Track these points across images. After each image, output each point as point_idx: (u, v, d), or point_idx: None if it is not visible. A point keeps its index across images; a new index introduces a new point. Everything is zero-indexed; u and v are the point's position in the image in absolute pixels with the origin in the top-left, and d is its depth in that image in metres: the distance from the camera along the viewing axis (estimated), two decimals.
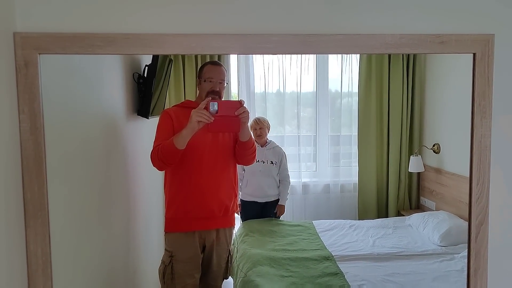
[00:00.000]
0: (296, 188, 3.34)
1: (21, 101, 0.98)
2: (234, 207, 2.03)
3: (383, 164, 3.06)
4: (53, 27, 1.00)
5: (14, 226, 0.98)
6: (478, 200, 1.10)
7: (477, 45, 1.08)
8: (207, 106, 1.60)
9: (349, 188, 3.24)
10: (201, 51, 1.05)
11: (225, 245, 2.03)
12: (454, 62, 2.05)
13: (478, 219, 1.10)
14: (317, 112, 3.30)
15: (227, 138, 1.94)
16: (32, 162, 0.99)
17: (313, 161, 3.42)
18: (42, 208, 1.01)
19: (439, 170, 2.37)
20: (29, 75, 0.97)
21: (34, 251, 1.01)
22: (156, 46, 1.02)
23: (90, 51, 0.99)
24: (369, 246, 2.51)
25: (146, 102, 2.04)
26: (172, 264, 1.91)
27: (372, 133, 3.06)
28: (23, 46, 0.97)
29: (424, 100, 2.60)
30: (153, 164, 1.80)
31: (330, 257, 2.34)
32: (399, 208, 3.00)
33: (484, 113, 1.09)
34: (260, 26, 1.07)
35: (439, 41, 1.07)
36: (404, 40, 1.07)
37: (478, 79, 1.09)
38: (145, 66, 2.10)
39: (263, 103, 3.35)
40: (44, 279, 1.02)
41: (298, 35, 1.06)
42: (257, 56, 3.29)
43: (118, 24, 1.03)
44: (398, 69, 2.88)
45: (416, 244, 2.46)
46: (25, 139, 0.99)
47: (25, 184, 1.00)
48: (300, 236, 2.70)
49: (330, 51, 1.09)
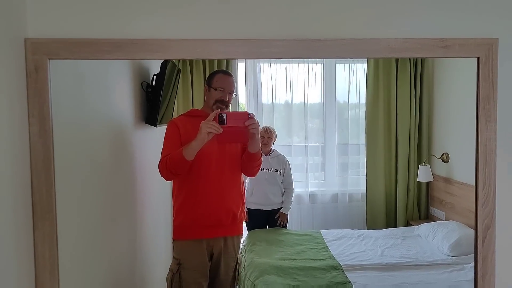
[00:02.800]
0: (304, 197, 3.33)
1: (31, 105, 1.00)
2: (242, 215, 2.03)
3: (392, 173, 3.04)
4: (62, 33, 1.02)
5: (22, 227, 0.99)
6: (484, 204, 1.09)
7: (481, 49, 1.08)
8: (216, 118, 1.62)
9: (357, 197, 3.22)
10: (206, 55, 1.07)
11: (233, 253, 2.03)
12: (462, 70, 2.05)
13: (485, 223, 1.09)
14: (324, 123, 3.31)
15: (234, 147, 1.95)
16: (41, 164, 1.01)
17: (320, 171, 3.41)
18: (50, 210, 1.02)
19: (448, 180, 2.35)
20: (39, 80, 1.00)
21: (42, 253, 1.03)
22: (162, 51, 1.04)
23: (99, 56, 1.02)
24: (378, 256, 2.48)
25: (154, 111, 2.06)
26: (179, 272, 1.90)
27: (380, 142, 3.05)
28: (33, 52, 0.99)
29: (433, 109, 2.60)
30: (161, 174, 1.82)
31: (338, 266, 2.32)
32: (408, 218, 2.97)
33: (489, 117, 1.09)
34: (265, 31, 1.09)
35: (443, 45, 1.08)
36: (408, 44, 1.07)
37: (482, 83, 1.09)
38: (154, 75, 2.12)
39: (271, 114, 3.36)
40: (52, 281, 1.03)
41: (302, 40, 1.07)
42: (265, 66, 3.32)
43: (126, 30, 1.05)
44: (406, 78, 2.88)
45: (425, 254, 2.43)
46: (34, 142, 1.01)
47: (33, 186, 1.01)
48: (307, 245, 2.68)
49: (334, 55, 1.10)
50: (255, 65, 3.31)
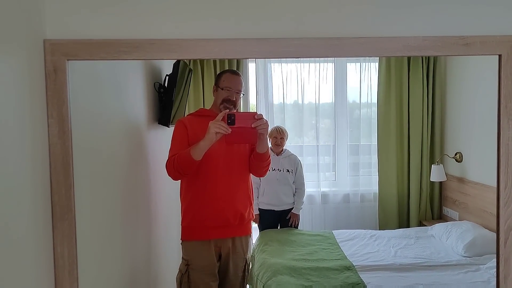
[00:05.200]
0: (316, 197, 3.33)
1: (50, 106, 1.00)
2: (250, 215, 2.02)
3: (404, 173, 3.02)
4: (81, 34, 1.02)
5: (42, 228, 1.00)
6: (506, 204, 1.07)
7: (502, 46, 1.06)
8: (225, 118, 1.62)
9: (369, 197, 3.21)
10: (223, 55, 1.07)
11: (241, 253, 2.02)
12: (476, 68, 2.03)
13: (507, 224, 1.07)
14: (335, 122, 3.30)
15: (242, 147, 1.95)
16: (60, 165, 1.01)
17: (332, 171, 3.41)
18: (69, 210, 1.02)
19: (461, 179, 2.32)
20: (58, 81, 1.00)
21: (61, 253, 1.03)
22: (180, 50, 1.04)
23: (116, 56, 1.01)
24: (391, 257, 2.46)
25: (166, 111, 2.07)
26: (188, 272, 1.90)
27: (392, 142, 3.03)
28: (52, 53, 0.99)
29: (445, 108, 2.57)
30: (169, 174, 1.81)
31: (351, 267, 2.31)
32: (421, 218, 2.95)
33: (511, 115, 1.07)
34: (282, 30, 1.08)
35: (463, 43, 1.06)
36: (427, 42, 1.06)
37: (504, 80, 1.07)
38: (166, 75, 2.13)
39: (282, 114, 3.36)
40: (71, 281, 1.03)
41: (319, 39, 1.06)
42: (276, 66, 3.32)
43: (143, 30, 1.05)
44: (418, 77, 2.86)
45: (439, 255, 2.41)
46: (53, 143, 1.01)
47: (53, 186, 1.02)
48: (320, 245, 2.67)
49: (352, 54, 1.09)
50: (265, 65, 3.31)
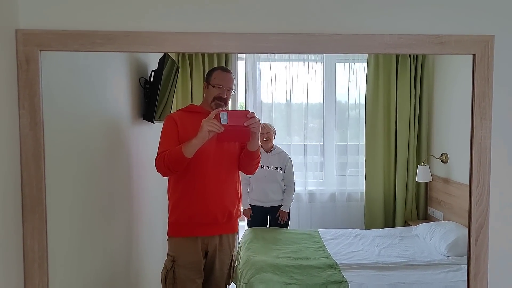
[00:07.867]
0: (302, 196, 3.32)
1: (21, 97, 0.99)
2: (238, 213, 2.02)
3: (390, 173, 3.03)
4: (54, 25, 1.02)
5: (12, 220, 0.99)
6: (478, 202, 1.08)
7: (476, 46, 1.07)
8: (218, 116, 1.62)
9: (355, 197, 3.21)
10: (201, 49, 1.06)
11: (228, 251, 2.02)
12: (463, 71, 2.04)
13: (478, 222, 1.08)
14: (324, 122, 3.29)
15: (232, 145, 1.95)
16: (31, 157, 1.01)
17: (320, 170, 3.40)
18: (39, 203, 1.02)
19: (447, 180, 2.34)
20: (30, 71, 0.99)
21: (31, 246, 1.02)
22: (156, 44, 1.03)
23: (90, 48, 1.01)
24: (375, 255, 2.48)
25: (151, 107, 2.06)
26: (174, 268, 1.90)
27: (379, 142, 3.04)
28: (24, 43, 0.99)
29: (432, 109, 2.58)
30: (158, 170, 1.81)
31: (334, 265, 2.32)
32: (406, 218, 2.96)
33: (484, 115, 1.08)
34: (260, 25, 1.08)
35: (438, 41, 1.07)
36: (402, 40, 1.06)
37: (477, 80, 1.08)
38: (152, 71, 2.12)
39: (271, 113, 3.36)
40: (41, 274, 1.02)
41: (297, 34, 1.06)
42: (265, 64, 3.31)
43: (119, 22, 1.04)
44: (406, 78, 2.87)
45: (422, 254, 2.42)
46: (24, 134, 1.00)
47: (23, 178, 1.01)
48: (305, 244, 2.68)
49: (329, 51, 1.09)
50: (255, 63, 3.30)
